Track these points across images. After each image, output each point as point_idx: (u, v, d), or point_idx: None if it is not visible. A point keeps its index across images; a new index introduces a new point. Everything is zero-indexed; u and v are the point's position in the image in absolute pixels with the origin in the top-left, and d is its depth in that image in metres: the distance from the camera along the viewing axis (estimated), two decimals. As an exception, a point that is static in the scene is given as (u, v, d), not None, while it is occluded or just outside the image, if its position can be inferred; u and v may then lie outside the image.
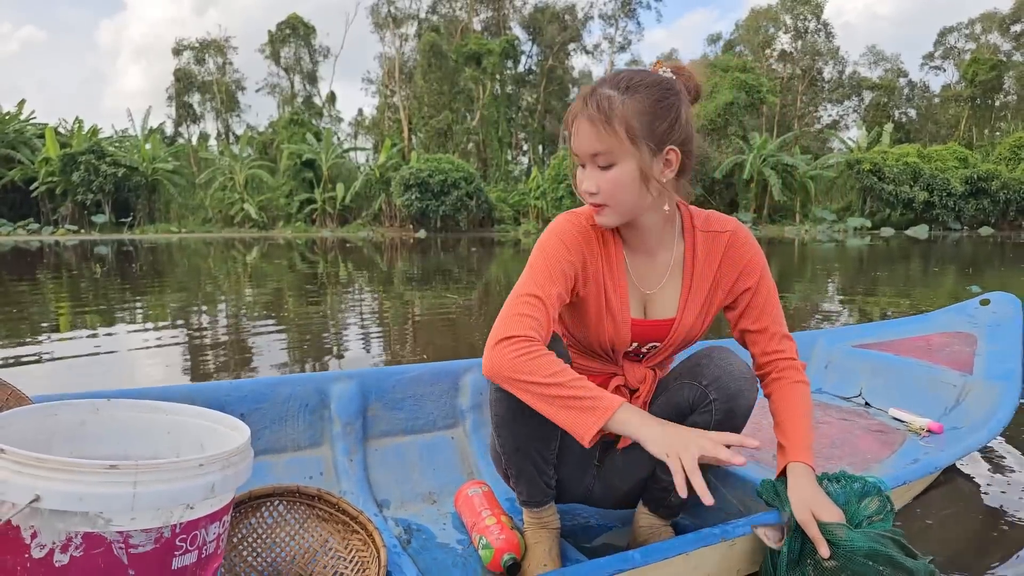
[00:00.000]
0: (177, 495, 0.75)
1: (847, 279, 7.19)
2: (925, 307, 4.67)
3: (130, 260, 11.57)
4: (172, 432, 0.97)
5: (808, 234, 24.81)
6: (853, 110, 44.22)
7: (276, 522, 1.12)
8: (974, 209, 28.06)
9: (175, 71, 41.05)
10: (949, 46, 45.01)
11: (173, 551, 0.77)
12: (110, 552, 0.73)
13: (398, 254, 13.52)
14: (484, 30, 39.65)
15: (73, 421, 0.92)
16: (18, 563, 0.71)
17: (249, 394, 1.40)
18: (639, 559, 0.93)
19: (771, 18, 41.95)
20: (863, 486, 1.05)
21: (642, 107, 0.92)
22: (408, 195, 27.34)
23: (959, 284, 6.24)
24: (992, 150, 32.74)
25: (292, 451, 1.44)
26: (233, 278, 7.99)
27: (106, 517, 0.71)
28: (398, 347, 3.40)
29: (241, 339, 3.63)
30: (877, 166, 27.69)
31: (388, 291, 6.38)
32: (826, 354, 2.19)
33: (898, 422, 1.78)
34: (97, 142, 30.15)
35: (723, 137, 31.09)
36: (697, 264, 1.06)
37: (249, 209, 31.62)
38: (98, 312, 4.73)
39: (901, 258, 11.02)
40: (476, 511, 1.23)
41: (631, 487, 1.17)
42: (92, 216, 30.29)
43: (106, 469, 0.70)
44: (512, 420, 1.04)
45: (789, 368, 1.08)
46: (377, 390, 1.52)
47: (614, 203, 0.96)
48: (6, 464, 0.70)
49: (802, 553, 1.00)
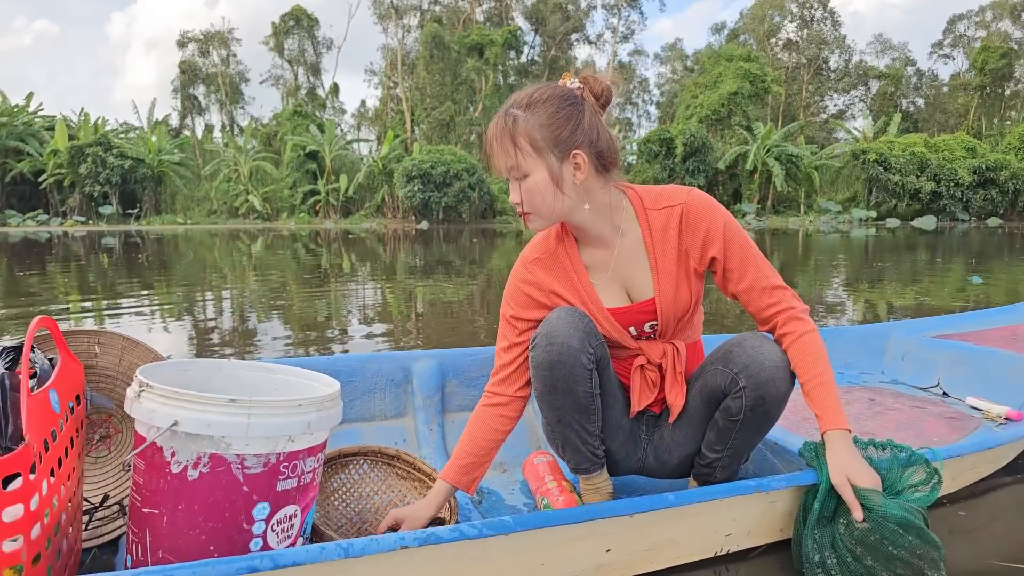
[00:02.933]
0: (281, 427, 0.91)
1: (851, 271, 7.20)
2: (931, 298, 4.69)
3: (137, 251, 11.65)
4: (279, 388, 1.14)
5: (812, 225, 24.72)
6: (860, 99, 43.84)
7: (362, 478, 1.31)
8: (982, 200, 27.85)
9: (180, 63, 41.08)
10: (959, 34, 44.50)
11: (278, 475, 0.93)
12: (229, 471, 0.90)
13: (402, 245, 13.56)
14: (486, 20, 39.41)
15: (201, 376, 1.10)
16: (161, 477, 0.90)
17: (344, 368, 1.59)
18: (673, 500, 1.00)
19: (776, 6, 41.52)
20: (909, 456, 1.07)
21: (541, 120, 1.01)
22: (411, 187, 27.33)
23: (966, 276, 6.25)
24: (1001, 140, 32.45)
25: (380, 419, 1.62)
26: (266, 268, 8.05)
27: (227, 441, 0.89)
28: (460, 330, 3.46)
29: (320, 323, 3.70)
30: (883, 156, 27.49)
31: (428, 278, 6.44)
32: (902, 345, 2.18)
33: (974, 410, 1.76)
34: (104, 134, 30.28)
35: (727, 127, 30.92)
36: (656, 242, 1.11)
37: (253, 201, 31.69)
38: (112, 299, 4.80)
39: (907, 249, 11.00)
40: (540, 477, 1.33)
41: (680, 461, 1.22)
42: (99, 207, 30.43)
43: (227, 402, 0.88)
44: (548, 394, 1.10)
45: (791, 319, 1.09)
46: (454, 368, 1.67)
47: (535, 209, 1.06)
48: (152, 396, 0.89)
49: (836, 513, 1.05)
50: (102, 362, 1.19)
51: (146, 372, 0.97)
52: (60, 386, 0.96)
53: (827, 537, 1.05)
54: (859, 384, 2.07)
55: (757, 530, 1.13)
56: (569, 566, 1.02)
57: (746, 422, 1.09)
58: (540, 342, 1.09)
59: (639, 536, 1.04)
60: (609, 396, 1.18)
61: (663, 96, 46.70)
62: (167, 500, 0.90)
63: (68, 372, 1.02)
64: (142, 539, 0.93)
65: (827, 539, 1.05)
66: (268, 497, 0.92)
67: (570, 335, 1.07)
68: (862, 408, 1.82)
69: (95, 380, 1.20)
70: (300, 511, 0.98)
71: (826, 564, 1.04)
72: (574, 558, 1.02)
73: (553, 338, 1.07)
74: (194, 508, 0.90)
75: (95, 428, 1.25)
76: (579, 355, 1.07)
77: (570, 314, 1.10)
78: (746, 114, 30.71)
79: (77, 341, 1.17)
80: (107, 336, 1.19)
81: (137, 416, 0.92)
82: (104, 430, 1.25)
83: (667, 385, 1.17)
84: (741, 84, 29.92)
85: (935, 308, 4.23)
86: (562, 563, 1.01)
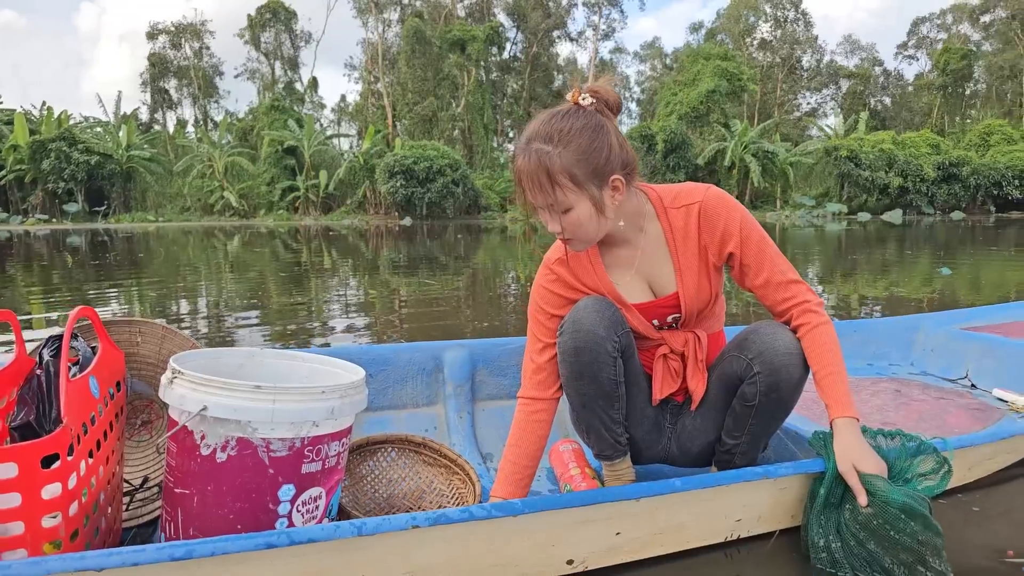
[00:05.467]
0: (305, 413, 0.95)
1: (827, 263, 7.41)
2: (902, 289, 4.87)
3: (105, 249, 11.37)
4: (308, 376, 1.18)
5: (788, 219, 25.22)
6: (831, 98, 44.87)
7: (390, 464, 1.36)
8: (946, 194, 28.78)
9: (149, 56, 40.04)
10: (922, 36, 45.81)
11: (302, 459, 0.97)
12: (256, 454, 0.94)
13: (386, 241, 13.49)
14: (468, 16, 39.23)
15: (233, 363, 1.14)
16: (192, 459, 0.95)
17: (377, 357, 1.63)
18: (679, 486, 1.03)
19: (751, 7, 42.22)
20: (919, 445, 1.08)
21: (577, 155, 1.00)
22: (393, 182, 27.12)
23: (933, 267, 6.48)
24: (963, 137, 33.59)
25: (412, 407, 1.66)
26: (248, 268, 7.95)
27: (253, 426, 0.93)
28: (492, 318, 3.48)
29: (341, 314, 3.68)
30: (854, 152, 28.21)
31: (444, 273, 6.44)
32: (931, 337, 2.18)
33: (1001, 402, 1.75)
34: (68, 128, 29.31)
35: (705, 124, 31.34)
36: (678, 239, 1.14)
37: (229, 197, 31.09)
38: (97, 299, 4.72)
39: (878, 242, 11.31)
40: (565, 464, 1.36)
41: (702, 448, 1.25)
42: (64, 205, 29.49)
43: (253, 388, 0.92)
44: (574, 379, 1.14)
45: (805, 312, 1.12)
46: (484, 358, 1.70)
47: (579, 236, 1.07)
48: (184, 383, 0.94)
49: (843, 498, 1.07)
50: (143, 350, 1.24)
51: (179, 360, 1.01)
52: (100, 373, 1.00)
53: (832, 522, 1.07)
54: (887, 375, 2.07)
55: (768, 516, 1.15)
56: (579, 548, 1.03)
57: (761, 407, 1.12)
58: (567, 328, 1.12)
59: (648, 520, 1.06)
60: (634, 385, 1.20)
61: (643, 93, 47.09)
62: (197, 481, 0.94)
63: (108, 359, 1.06)
64: (174, 518, 0.97)
65: (832, 524, 1.06)
66: (293, 479, 0.97)
67: (596, 323, 1.10)
68: (887, 399, 1.81)
69: (136, 368, 1.24)
70: (325, 493, 1.02)
71: (831, 548, 1.06)
72: (584, 540, 1.03)
73: (580, 325, 1.10)
74: (222, 489, 0.94)
75: (137, 414, 1.29)
76: (604, 343, 1.10)
77: (597, 303, 1.12)
78: (724, 111, 31.18)
79: (119, 330, 1.21)
80: (147, 325, 1.23)
81: (169, 401, 0.96)
82: (146, 416, 1.29)
83: (689, 373, 1.20)
84: (719, 82, 30.35)
85: (950, 301, 4.37)
86: (572, 545, 1.03)
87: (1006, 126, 32.04)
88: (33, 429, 0.92)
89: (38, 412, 0.93)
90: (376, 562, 0.91)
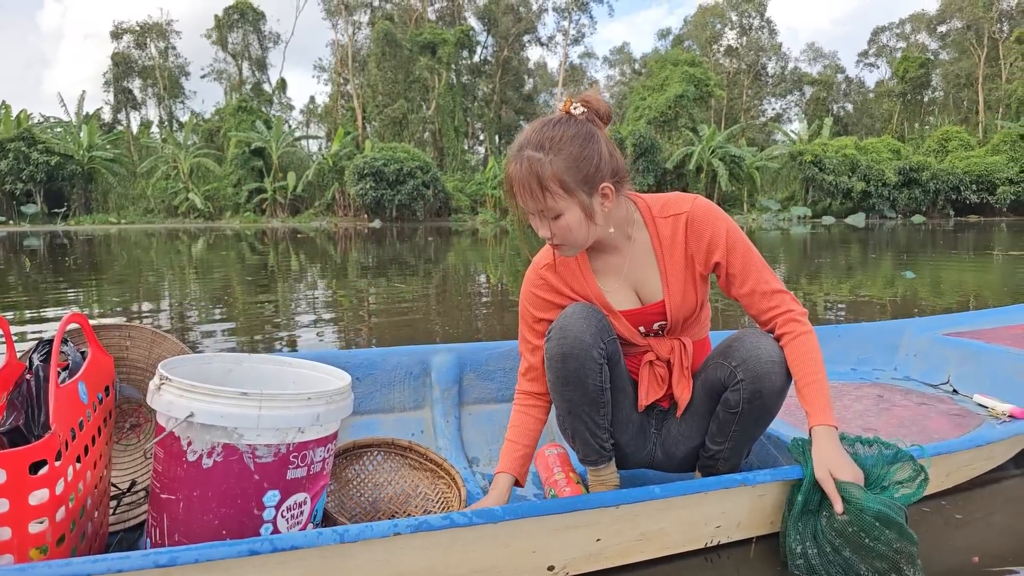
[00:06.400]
0: (291, 420, 0.95)
1: (793, 266, 7.62)
2: (867, 291, 5.03)
3: (65, 252, 10.98)
4: (296, 382, 1.19)
5: (755, 223, 25.80)
6: (795, 104, 46.22)
7: (375, 468, 1.36)
8: (907, 198, 29.91)
9: (113, 55, 38.92)
10: (882, 44, 47.58)
11: (288, 464, 0.98)
12: (241, 460, 0.94)
13: (355, 244, 13.35)
14: (439, 20, 39.15)
15: (222, 369, 1.15)
16: (178, 465, 0.95)
17: (364, 361, 1.62)
18: (658, 492, 1.04)
19: (718, 14, 43.24)
20: (896, 453, 1.09)
21: (567, 163, 1.02)
22: (362, 184, 26.86)
23: (896, 270, 6.69)
24: (922, 143, 34.92)
25: (399, 411, 1.66)
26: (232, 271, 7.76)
27: (239, 432, 0.93)
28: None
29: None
30: (818, 157, 29.08)
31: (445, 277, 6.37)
32: (915, 342, 2.18)
33: (981, 407, 1.76)
34: (28, 128, 28.28)
35: (674, 129, 31.92)
36: (665, 248, 1.16)
37: (194, 199, 30.34)
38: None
39: (842, 245, 11.65)
40: (550, 468, 1.37)
41: (686, 453, 1.26)
42: (22, 207, 28.42)
43: (239, 395, 0.92)
44: (560, 385, 1.15)
45: (789, 321, 1.14)
46: (472, 362, 1.70)
47: (569, 242, 1.09)
48: (171, 389, 0.94)
49: (820, 506, 1.08)
50: (132, 355, 1.23)
51: (167, 366, 1.01)
52: (89, 378, 0.99)
53: (809, 529, 1.08)
54: (870, 380, 2.07)
55: (747, 522, 1.16)
56: (560, 554, 1.04)
57: (744, 414, 1.14)
58: (555, 335, 1.13)
59: (628, 526, 1.07)
60: (620, 391, 1.21)
61: (612, 98, 47.68)
62: (183, 487, 0.94)
63: (97, 364, 1.05)
64: (160, 523, 0.96)
65: (809, 531, 1.08)
66: (278, 485, 0.97)
67: (583, 329, 1.11)
68: (869, 404, 1.82)
69: (126, 372, 1.22)
70: (310, 499, 1.02)
71: (807, 555, 1.06)
72: (565, 547, 1.04)
73: (567, 332, 1.11)
74: (208, 495, 0.94)
75: (125, 417, 1.27)
76: (591, 349, 1.11)
77: (584, 309, 1.14)
78: (691, 116, 31.78)
79: (109, 335, 1.20)
80: (137, 330, 1.22)
81: (157, 407, 0.96)
82: (134, 419, 1.28)
83: (674, 380, 1.22)
84: (686, 87, 30.95)
85: (912, 304, 4.52)
86: (553, 551, 1.03)
87: (963, 132, 33.45)
88: (22, 434, 0.91)
89: (27, 417, 0.92)
90: (359, 569, 0.91)
